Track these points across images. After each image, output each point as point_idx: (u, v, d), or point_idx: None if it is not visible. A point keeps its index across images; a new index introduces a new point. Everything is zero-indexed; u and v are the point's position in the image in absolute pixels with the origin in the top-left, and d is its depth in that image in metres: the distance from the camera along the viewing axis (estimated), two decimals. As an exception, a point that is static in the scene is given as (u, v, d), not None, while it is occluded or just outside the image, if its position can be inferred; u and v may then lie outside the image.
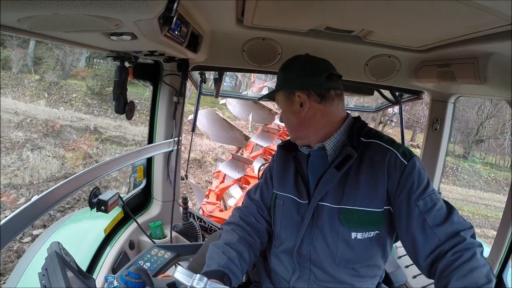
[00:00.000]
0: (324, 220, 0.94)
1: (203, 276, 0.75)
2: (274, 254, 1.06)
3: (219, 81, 2.00)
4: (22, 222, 0.87)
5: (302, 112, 0.98)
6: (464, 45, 1.10)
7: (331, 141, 0.98)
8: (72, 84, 11.81)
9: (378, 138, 0.96)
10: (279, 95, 1.04)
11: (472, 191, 11.35)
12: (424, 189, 0.89)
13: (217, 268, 0.91)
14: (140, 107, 10.74)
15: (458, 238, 0.83)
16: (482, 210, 9.40)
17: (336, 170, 0.93)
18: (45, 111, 9.81)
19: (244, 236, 1.03)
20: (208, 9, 1.15)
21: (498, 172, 12.96)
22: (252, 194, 1.15)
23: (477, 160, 13.73)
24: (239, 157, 3.93)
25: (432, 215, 0.87)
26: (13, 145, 6.76)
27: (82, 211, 1.97)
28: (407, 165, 0.90)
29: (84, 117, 9.91)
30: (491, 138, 13.66)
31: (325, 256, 0.96)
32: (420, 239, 0.87)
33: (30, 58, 12.09)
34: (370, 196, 0.91)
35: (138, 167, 1.88)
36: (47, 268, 0.71)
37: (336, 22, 1.21)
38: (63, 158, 6.65)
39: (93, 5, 0.61)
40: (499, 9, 0.76)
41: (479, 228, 7.83)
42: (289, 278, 1.01)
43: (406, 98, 1.99)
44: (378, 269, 1.02)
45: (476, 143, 13.77)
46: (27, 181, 5.44)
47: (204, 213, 3.20)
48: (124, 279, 0.76)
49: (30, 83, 11.51)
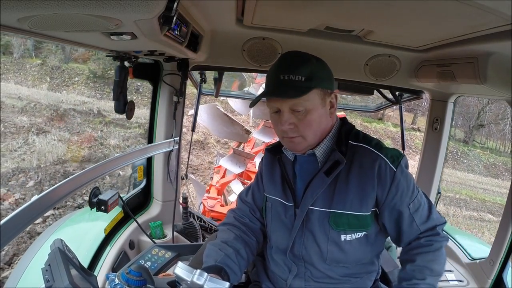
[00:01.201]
0: (315, 223, 0.95)
1: (203, 272, 0.76)
2: (270, 255, 1.08)
3: (219, 81, 2.00)
4: (22, 222, 0.87)
5: (331, 115, 0.96)
6: (464, 45, 1.11)
7: (321, 147, 0.97)
8: (74, 67, 11.84)
9: (367, 142, 0.95)
10: (312, 93, 0.88)
11: (471, 175, 11.50)
12: (412, 191, 0.94)
13: (214, 264, 0.93)
14: (142, 89, 10.90)
15: (434, 231, 0.96)
16: (480, 194, 9.44)
17: (325, 176, 0.93)
18: (48, 95, 9.83)
19: (240, 234, 1.05)
20: (208, 9, 1.15)
21: (498, 157, 13.20)
22: (244, 196, 1.17)
23: (478, 144, 13.96)
24: (240, 151, 3.91)
25: (419, 214, 0.95)
26: (18, 130, 6.80)
27: (82, 211, 1.97)
28: (396, 171, 0.91)
29: (87, 100, 9.98)
30: (492, 123, 13.92)
31: (316, 256, 0.97)
32: (407, 233, 0.96)
33: (30, 42, 12.07)
34: (360, 201, 0.92)
35: (138, 167, 1.88)
36: (51, 264, 0.72)
37: (336, 21, 1.21)
38: (68, 142, 6.72)
39: (93, 5, 0.61)
40: (499, 9, 0.76)
41: (476, 211, 7.84)
42: (286, 276, 1.02)
43: (406, 98, 2.00)
44: (372, 265, 1.03)
45: (476, 128, 13.96)
46: (35, 164, 5.47)
47: (205, 208, 3.19)
48: (125, 276, 0.77)
49: (32, 68, 11.54)
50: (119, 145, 7.19)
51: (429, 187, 1.88)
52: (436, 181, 1.88)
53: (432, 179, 1.87)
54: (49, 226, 1.67)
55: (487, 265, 1.47)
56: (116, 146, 7.11)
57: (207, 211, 3.16)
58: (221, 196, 3.65)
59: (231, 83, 4.21)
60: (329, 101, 0.94)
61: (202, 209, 3.29)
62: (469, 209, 7.86)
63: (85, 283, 0.76)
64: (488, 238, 6.23)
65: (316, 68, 0.90)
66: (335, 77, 1.67)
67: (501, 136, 13.83)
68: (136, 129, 8.06)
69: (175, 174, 1.90)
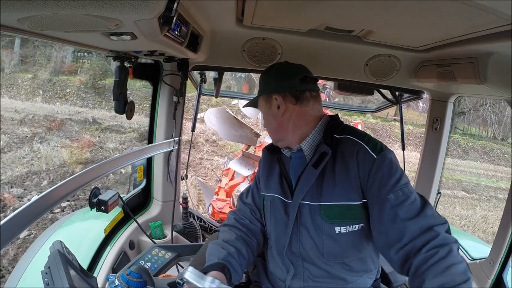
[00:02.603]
0: (307, 217, 0.96)
1: (214, 279, 0.76)
2: (269, 255, 1.08)
3: (219, 81, 2.00)
4: (22, 222, 0.87)
5: (279, 114, 1.03)
6: (464, 45, 1.10)
7: (307, 142, 1.01)
8: (65, 79, 12.23)
9: (351, 133, 0.98)
10: (260, 100, 1.09)
11: (450, 159, 11.98)
12: (395, 182, 0.88)
13: (217, 261, 0.93)
14: (132, 97, 11.21)
15: (432, 233, 0.81)
16: (456, 175, 10.07)
17: (313, 168, 0.95)
18: (43, 107, 10.25)
19: (241, 235, 1.06)
20: (208, 9, 1.15)
21: (477, 141, 13.96)
22: (244, 197, 1.19)
23: (460, 131, 14.65)
24: (249, 154, 3.91)
25: (404, 208, 0.85)
26: (22, 140, 7.25)
27: (82, 211, 1.97)
28: (376, 158, 0.90)
29: (80, 110, 10.45)
30: (472, 110, 14.55)
31: (314, 252, 0.97)
32: (391, 232, 0.85)
33: (17, 57, 12.38)
34: (346, 190, 0.92)
35: (138, 167, 1.88)
36: (50, 266, 0.72)
37: (336, 22, 1.21)
38: (70, 147, 7.20)
39: (93, 5, 0.61)
40: (499, 9, 0.76)
41: (450, 190, 8.46)
42: (285, 277, 1.02)
43: (406, 98, 1.99)
44: (371, 263, 1.02)
45: (458, 115, 14.41)
46: (44, 167, 5.93)
47: (214, 209, 3.21)
48: (126, 278, 0.76)
49: (24, 82, 11.91)
50: (117, 148, 7.73)
51: (429, 187, 1.88)
52: (436, 181, 1.88)
53: (432, 179, 1.87)
54: (49, 227, 1.66)
55: (487, 265, 1.47)
56: (115, 149, 7.62)
57: (216, 212, 3.19)
58: (230, 198, 3.67)
59: (241, 85, 4.21)
60: (275, 103, 1.03)
61: (211, 211, 3.31)
62: (444, 188, 8.40)
63: (85, 285, 0.76)
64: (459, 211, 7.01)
65: (265, 78, 1.09)
66: (335, 77, 1.69)
67: (481, 122, 14.56)
68: (131, 133, 8.58)
69: (175, 174, 1.90)
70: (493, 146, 13.66)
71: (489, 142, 13.96)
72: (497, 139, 14.35)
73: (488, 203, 7.96)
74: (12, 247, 3.52)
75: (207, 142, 9.00)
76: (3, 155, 6.26)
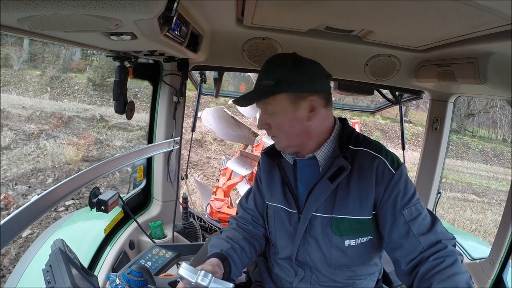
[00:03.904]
0: (318, 229, 0.94)
1: (207, 273, 0.76)
2: (274, 260, 1.07)
3: (219, 81, 2.00)
4: (22, 222, 0.87)
5: (307, 118, 0.90)
6: (464, 45, 1.10)
7: (322, 150, 0.94)
8: (73, 77, 12.26)
9: (366, 145, 0.94)
10: (277, 99, 0.89)
11: (459, 162, 11.95)
12: (410, 198, 0.89)
13: (219, 251, 0.93)
14: (140, 95, 11.44)
15: (440, 245, 0.85)
16: (466, 178, 9.84)
17: (329, 182, 0.91)
18: (50, 104, 10.28)
19: (245, 235, 1.06)
20: (208, 9, 1.15)
21: (487, 144, 13.81)
22: (245, 203, 1.14)
23: (469, 133, 14.59)
24: (247, 153, 3.90)
25: (417, 224, 0.87)
26: (28, 137, 7.25)
27: (82, 211, 1.97)
28: (394, 174, 0.89)
29: (88, 107, 10.45)
30: (482, 112, 14.49)
31: (321, 263, 0.96)
32: (404, 246, 0.88)
33: (25, 54, 12.47)
34: (361, 205, 0.91)
35: (138, 167, 1.88)
36: (52, 264, 0.71)
37: (336, 22, 1.21)
38: (77, 145, 7.17)
39: (93, 5, 0.61)
40: (499, 9, 0.76)
41: (460, 193, 8.30)
42: (292, 280, 1.02)
43: (406, 98, 1.99)
44: (375, 266, 1.04)
45: (467, 117, 14.44)
46: (50, 165, 5.92)
47: (212, 209, 3.21)
48: (126, 277, 0.77)
49: (32, 79, 11.96)
50: (124, 146, 7.65)
51: (429, 187, 1.88)
52: (436, 181, 1.88)
53: (432, 179, 1.87)
54: (49, 227, 1.67)
55: (487, 265, 1.46)
56: (121, 147, 7.55)
57: (214, 212, 3.19)
58: (227, 198, 3.66)
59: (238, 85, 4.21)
60: (307, 105, 0.89)
61: (209, 210, 3.31)
62: (454, 191, 8.27)
63: (86, 284, 0.76)
64: (469, 214, 6.73)
65: (287, 72, 0.88)
66: (335, 77, 1.69)
67: (491, 124, 14.43)
68: (138, 131, 8.52)
69: (175, 174, 1.90)
70: (503, 149, 13.45)
71: (499, 145, 13.78)
72: (507, 141, 14.19)
73: (499, 207, 7.75)
74: (14, 246, 3.52)
75: (215, 141, 8.81)
76: (9, 152, 6.24)
